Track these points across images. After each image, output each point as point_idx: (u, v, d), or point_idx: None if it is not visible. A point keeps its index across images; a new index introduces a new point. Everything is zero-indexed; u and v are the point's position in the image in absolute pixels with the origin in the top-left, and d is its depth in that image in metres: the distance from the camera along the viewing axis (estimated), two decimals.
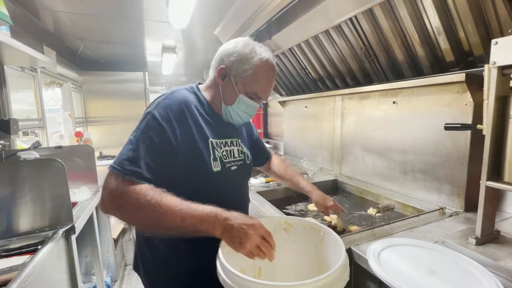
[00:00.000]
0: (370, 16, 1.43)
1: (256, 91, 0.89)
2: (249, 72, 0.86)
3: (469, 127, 1.05)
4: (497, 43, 0.83)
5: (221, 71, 0.89)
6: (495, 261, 0.82)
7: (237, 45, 0.88)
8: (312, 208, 1.55)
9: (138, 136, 0.77)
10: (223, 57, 0.89)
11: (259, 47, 0.89)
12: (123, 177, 0.71)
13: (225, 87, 0.90)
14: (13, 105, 1.90)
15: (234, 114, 0.93)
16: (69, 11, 2.30)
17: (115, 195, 0.70)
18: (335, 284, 0.62)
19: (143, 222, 0.71)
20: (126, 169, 0.72)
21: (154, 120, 0.78)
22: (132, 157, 0.73)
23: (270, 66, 0.89)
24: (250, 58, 0.86)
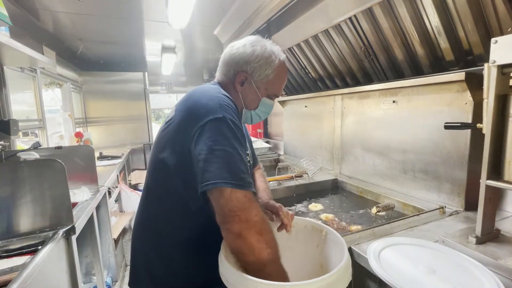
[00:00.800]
0: (370, 16, 1.43)
1: (276, 92, 0.91)
2: (271, 76, 0.86)
3: (469, 126, 1.05)
4: (496, 42, 0.83)
5: (241, 77, 0.86)
6: (495, 260, 0.82)
7: (255, 49, 0.85)
8: (313, 208, 1.55)
9: (233, 144, 0.69)
10: (241, 63, 0.85)
11: (273, 46, 0.88)
12: (250, 190, 0.66)
13: (246, 93, 0.88)
14: (13, 106, 1.90)
15: (255, 116, 0.93)
16: (68, 12, 2.30)
17: (259, 219, 0.65)
18: (338, 284, 0.62)
19: (260, 259, 0.65)
20: (249, 183, 0.67)
21: (234, 125, 0.72)
22: (245, 169, 0.68)
23: (285, 64, 0.91)
24: (271, 62, 0.85)
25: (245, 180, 0.66)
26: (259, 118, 0.95)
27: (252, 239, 0.64)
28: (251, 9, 1.87)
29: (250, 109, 0.91)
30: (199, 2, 1.89)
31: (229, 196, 0.64)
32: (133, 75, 4.18)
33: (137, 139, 4.27)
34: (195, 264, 0.84)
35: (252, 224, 0.64)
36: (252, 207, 0.65)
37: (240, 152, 0.69)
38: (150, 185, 0.87)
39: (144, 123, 4.30)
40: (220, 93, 0.79)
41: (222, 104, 0.73)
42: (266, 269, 0.66)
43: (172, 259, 0.85)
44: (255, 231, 0.64)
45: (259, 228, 0.65)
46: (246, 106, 0.90)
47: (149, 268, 0.87)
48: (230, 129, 0.70)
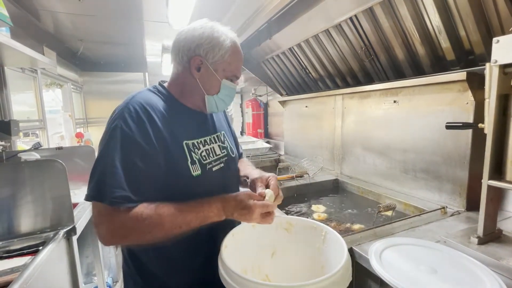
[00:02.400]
0: (371, 15, 1.43)
1: (234, 72, 0.88)
2: (226, 56, 0.83)
3: (470, 126, 1.04)
4: (498, 42, 0.83)
5: (196, 62, 0.83)
6: (497, 260, 0.82)
7: (204, 31, 0.82)
8: (316, 209, 1.55)
9: (113, 156, 0.69)
10: (192, 47, 0.82)
11: (221, 27, 0.86)
12: (115, 206, 0.66)
13: (204, 78, 0.84)
14: (13, 106, 1.90)
15: (219, 102, 0.89)
16: (69, 12, 2.30)
17: (115, 228, 0.67)
18: (338, 285, 0.62)
19: (153, 240, 0.70)
20: (114, 197, 0.66)
21: (123, 134, 0.71)
22: (114, 183, 0.67)
23: (238, 44, 0.88)
24: (222, 42, 0.82)
25: (111, 194, 0.67)
26: (224, 104, 0.91)
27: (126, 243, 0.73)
28: (251, 9, 1.87)
29: (212, 94, 0.87)
30: (200, 2, 1.89)
31: (95, 210, 0.70)
32: (134, 76, 4.18)
33: None
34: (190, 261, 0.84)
35: (109, 238, 0.70)
36: (104, 223, 0.68)
37: (114, 164, 0.69)
38: None
39: None
40: (134, 97, 0.79)
41: (123, 112, 0.75)
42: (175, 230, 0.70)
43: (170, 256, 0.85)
44: (120, 239, 0.71)
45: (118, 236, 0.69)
46: (207, 91, 0.86)
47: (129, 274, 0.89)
48: (117, 139, 0.71)
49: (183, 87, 0.87)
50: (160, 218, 0.68)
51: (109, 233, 0.68)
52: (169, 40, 3.20)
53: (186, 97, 0.88)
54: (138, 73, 4.20)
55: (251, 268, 0.84)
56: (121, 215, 0.66)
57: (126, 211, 0.67)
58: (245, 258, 0.79)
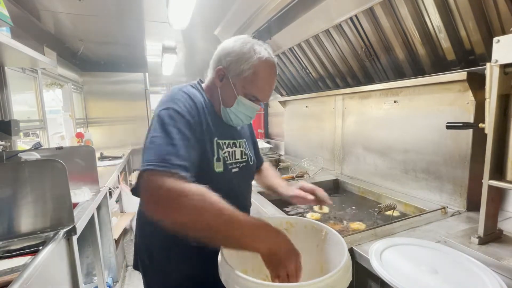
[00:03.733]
0: (371, 15, 1.43)
1: (255, 93, 0.85)
2: (248, 73, 0.81)
3: (471, 126, 1.04)
4: (499, 41, 0.82)
5: (219, 72, 0.85)
6: (498, 260, 0.82)
7: (235, 44, 0.83)
8: (319, 210, 1.54)
9: (167, 129, 0.71)
10: (221, 57, 0.85)
11: (258, 45, 0.84)
12: (174, 173, 0.64)
13: (224, 89, 0.86)
14: (14, 106, 1.90)
15: (233, 116, 0.89)
16: (69, 12, 2.30)
17: (171, 195, 0.62)
18: (338, 285, 0.61)
19: (201, 227, 0.63)
20: (173, 164, 0.65)
21: (177, 113, 0.74)
22: (173, 151, 0.67)
23: (270, 65, 0.84)
24: (248, 58, 0.81)
25: (168, 161, 0.66)
26: (240, 121, 0.90)
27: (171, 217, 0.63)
28: (251, 9, 1.87)
29: (226, 106, 0.87)
30: (200, 2, 1.89)
31: (149, 178, 0.65)
32: (134, 76, 4.18)
33: (138, 139, 4.26)
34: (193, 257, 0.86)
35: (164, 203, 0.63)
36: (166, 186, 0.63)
37: (173, 136, 0.70)
38: None
39: (144, 124, 4.30)
40: (180, 89, 0.83)
41: (174, 97, 0.78)
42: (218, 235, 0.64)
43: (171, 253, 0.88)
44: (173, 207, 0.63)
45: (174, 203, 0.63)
46: (223, 102, 0.88)
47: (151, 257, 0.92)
48: (170, 117, 0.73)
49: (211, 93, 0.91)
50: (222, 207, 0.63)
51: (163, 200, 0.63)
52: (170, 40, 3.20)
53: (213, 102, 0.92)
54: (139, 73, 4.20)
55: (251, 268, 0.84)
56: (180, 184, 0.64)
57: (185, 182, 0.65)
58: (245, 259, 0.79)
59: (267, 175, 1.16)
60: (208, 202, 0.63)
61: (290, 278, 0.65)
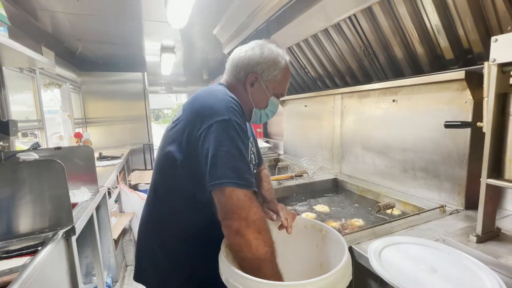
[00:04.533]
0: (369, 15, 1.43)
1: (282, 90, 0.97)
2: (278, 76, 0.92)
3: (469, 124, 1.05)
4: (496, 40, 0.83)
5: (251, 79, 0.91)
6: (496, 258, 0.82)
7: (263, 51, 0.90)
8: (319, 209, 1.54)
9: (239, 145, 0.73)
10: (251, 64, 0.90)
11: (278, 49, 0.94)
12: (252, 192, 0.69)
13: (255, 93, 0.93)
14: (12, 107, 1.89)
15: (264, 115, 0.98)
16: (67, 12, 2.29)
17: (258, 218, 0.68)
18: (338, 284, 0.62)
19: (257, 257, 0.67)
20: (251, 182, 0.70)
21: (241, 127, 0.76)
22: (248, 170, 0.72)
23: (289, 65, 0.96)
24: (278, 63, 0.90)
25: (247, 180, 0.69)
26: (267, 117, 1.00)
27: (250, 237, 0.67)
28: (250, 9, 1.87)
29: (260, 108, 0.96)
30: (198, 1, 1.89)
31: (230, 195, 0.68)
32: (133, 75, 4.17)
33: (137, 139, 4.26)
34: (200, 260, 0.86)
35: (250, 222, 0.67)
36: (252, 206, 0.68)
37: (243, 153, 0.73)
38: (157, 181, 0.91)
39: (143, 124, 4.30)
40: (227, 95, 0.82)
41: (229, 106, 0.77)
42: (263, 268, 0.68)
43: (177, 255, 0.88)
44: (254, 229, 0.67)
45: (257, 226, 0.68)
46: (256, 105, 0.95)
47: (155, 263, 0.92)
48: (235, 131, 0.74)
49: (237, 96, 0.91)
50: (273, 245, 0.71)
51: (258, 217, 0.69)
52: (168, 39, 3.20)
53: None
54: (137, 73, 4.18)
55: None
56: (259, 208, 0.71)
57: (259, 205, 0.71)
58: None
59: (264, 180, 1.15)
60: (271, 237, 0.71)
61: None
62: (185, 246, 0.87)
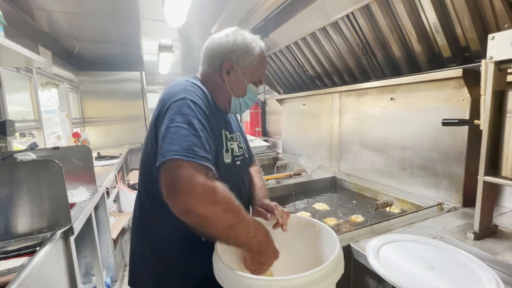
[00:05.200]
0: (367, 13, 1.43)
1: (259, 77, 0.95)
2: (254, 62, 0.90)
3: (466, 122, 1.05)
4: (494, 38, 0.83)
5: (227, 66, 0.89)
6: (493, 255, 0.83)
7: (236, 38, 0.89)
8: (318, 207, 1.55)
9: (188, 120, 0.70)
10: (225, 52, 0.88)
11: (252, 35, 0.92)
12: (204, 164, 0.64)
13: (232, 81, 0.91)
14: (9, 107, 1.88)
15: (243, 104, 0.96)
16: (64, 11, 2.28)
17: (206, 189, 0.62)
18: (329, 277, 0.62)
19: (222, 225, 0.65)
20: (202, 156, 0.65)
21: (195, 104, 0.74)
22: (199, 143, 0.67)
23: (264, 51, 0.95)
24: (253, 49, 0.89)
25: (195, 152, 0.65)
26: (246, 106, 0.97)
27: (203, 211, 0.62)
28: (248, 7, 1.86)
29: (239, 96, 0.93)
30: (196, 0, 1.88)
31: (174, 168, 0.62)
32: (130, 75, 4.15)
33: (135, 138, 4.25)
34: (193, 261, 0.85)
35: (199, 196, 0.62)
36: (199, 178, 0.62)
37: (196, 128, 0.69)
38: (142, 182, 0.91)
39: (141, 123, 4.28)
40: (188, 81, 0.84)
41: (186, 89, 0.78)
42: (232, 233, 0.67)
43: (170, 257, 0.86)
44: (205, 202, 0.62)
45: (209, 198, 0.63)
46: (234, 93, 0.92)
47: (148, 267, 0.89)
48: (189, 107, 0.73)
49: (213, 87, 0.92)
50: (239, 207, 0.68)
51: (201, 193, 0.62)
52: (166, 38, 3.18)
53: (215, 96, 0.92)
54: (135, 72, 4.17)
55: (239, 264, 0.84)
56: (211, 179, 0.65)
57: (213, 177, 0.66)
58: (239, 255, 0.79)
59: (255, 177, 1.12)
60: (232, 202, 0.67)
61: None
62: (176, 247, 0.85)
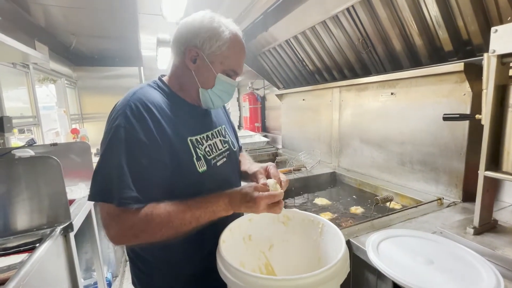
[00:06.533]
0: (368, 6, 1.41)
1: (233, 66, 0.83)
2: (223, 48, 0.79)
3: (467, 117, 1.04)
4: (496, 31, 0.81)
5: (191, 53, 0.80)
6: (493, 250, 0.83)
7: (203, 21, 0.79)
8: (319, 202, 1.55)
9: (118, 155, 0.68)
10: (189, 37, 0.79)
11: (223, 18, 0.82)
12: (124, 206, 0.66)
13: (199, 70, 0.81)
14: (6, 103, 1.87)
15: (214, 97, 0.85)
16: (60, 5, 2.24)
17: (125, 229, 0.67)
18: (336, 277, 0.62)
19: (163, 238, 0.70)
20: (123, 197, 0.66)
21: (127, 133, 0.69)
22: (122, 183, 0.66)
23: (240, 37, 0.84)
24: (221, 33, 0.78)
25: (121, 195, 0.66)
26: (221, 100, 0.87)
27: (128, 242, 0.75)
28: (247, 1, 1.84)
29: (206, 88, 0.83)
30: None
31: (104, 211, 0.68)
32: (129, 70, 4.13)
33: None
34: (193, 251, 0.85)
35: (116, 237, 0.68)
36: (112, 224, 0.67)
37: (123, 164, 0.67)
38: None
39: None
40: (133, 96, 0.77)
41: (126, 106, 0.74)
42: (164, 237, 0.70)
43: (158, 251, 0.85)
44: (125, 239, 0.71)
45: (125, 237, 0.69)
46: (201, 84, 0.82)
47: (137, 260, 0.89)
48: (120, 139, 0.69)
49: (181, 80, 0.85)
50: (169, 216, 0.68)
51: (120, 234, 0.68)
52: (164, 33, 3.15)
53: (185, 91, 0.85)
54: (133, 67, 4.14)
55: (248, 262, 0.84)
56: (130, 216, 0.66)
57: (135, 212, 0.66)
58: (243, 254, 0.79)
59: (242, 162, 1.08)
60: (155, 221, 0.68)
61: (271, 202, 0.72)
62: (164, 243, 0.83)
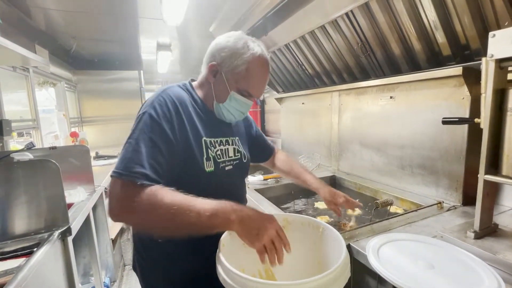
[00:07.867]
0: (367, 11, 1.42)
1: (248, 88, 0.86)
2: (241, 68, 0.83)
3: (466, 121, 1.04)
4: (494, 36, 0.82)
5: (212, 68, 0.86)
6: (493, 254, 0.83)
7: (229, 40, 0.85)
8: (320, 206, 1.54)
9: (138, 137, 0.73)
10: (214, 53, 0.86)
11: (252, 41, 0.85)
12: (132, 180, 0.67)
13: (217, 84, 0.87)
14: (6, 106, 1.87)
15: (226, 112, 0.90)
16: (61, 9, 2.26)
17: (125, 200, 0.67)
18: (337, 282, 0.61)
19: (157, 223, 0.68)
20: (132, 171, 0.68)
21: (151, 119, 0.75)
22: (135, 159, 0.70)
23: (263, 62, 0.86)
24: (242, 53, 0.82)
25: (130, 169, 0.68)
26: (233, 116, 0.91)
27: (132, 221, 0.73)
28: (246, 5, 1.85)
29: (218, 101, 0.89)
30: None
31: (112, 185, 0.69)
32: (128, 74, 4.13)
33: None
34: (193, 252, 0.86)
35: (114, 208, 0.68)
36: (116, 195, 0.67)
37: (141, 145, 0.71)
38: None
39: None
40: (165, 91, 0.83)
41: (153, 101, 0.79)
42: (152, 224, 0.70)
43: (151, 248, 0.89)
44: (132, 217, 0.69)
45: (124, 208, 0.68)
46: (216, 98, 0.89)
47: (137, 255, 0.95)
48: (145, 123, 0.75)
49: (204, 89, 0.92)
50: (172, 200, 0.67)
51: (119, 205, 0.68)
52: (164, 37, 3.17)
53: (207, 99, 0.92)
54: (133, 71, 4.15)
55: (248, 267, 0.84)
56: (134, 189, 0.67)
57: (141, 187, 0.67)
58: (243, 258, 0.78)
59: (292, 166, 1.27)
60: (156, 199, 0.66)
61: (276, 243, 0.68)
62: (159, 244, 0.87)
